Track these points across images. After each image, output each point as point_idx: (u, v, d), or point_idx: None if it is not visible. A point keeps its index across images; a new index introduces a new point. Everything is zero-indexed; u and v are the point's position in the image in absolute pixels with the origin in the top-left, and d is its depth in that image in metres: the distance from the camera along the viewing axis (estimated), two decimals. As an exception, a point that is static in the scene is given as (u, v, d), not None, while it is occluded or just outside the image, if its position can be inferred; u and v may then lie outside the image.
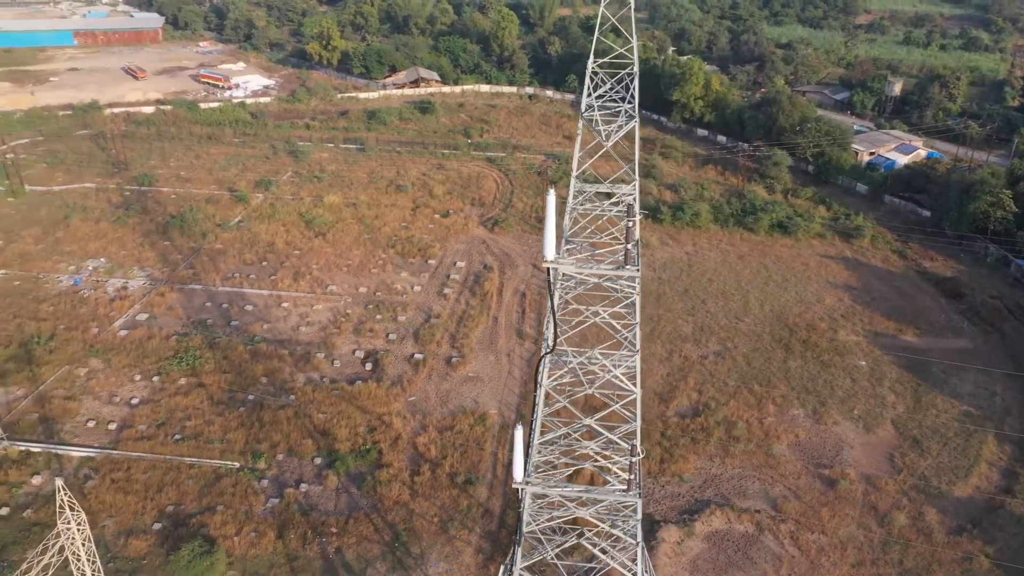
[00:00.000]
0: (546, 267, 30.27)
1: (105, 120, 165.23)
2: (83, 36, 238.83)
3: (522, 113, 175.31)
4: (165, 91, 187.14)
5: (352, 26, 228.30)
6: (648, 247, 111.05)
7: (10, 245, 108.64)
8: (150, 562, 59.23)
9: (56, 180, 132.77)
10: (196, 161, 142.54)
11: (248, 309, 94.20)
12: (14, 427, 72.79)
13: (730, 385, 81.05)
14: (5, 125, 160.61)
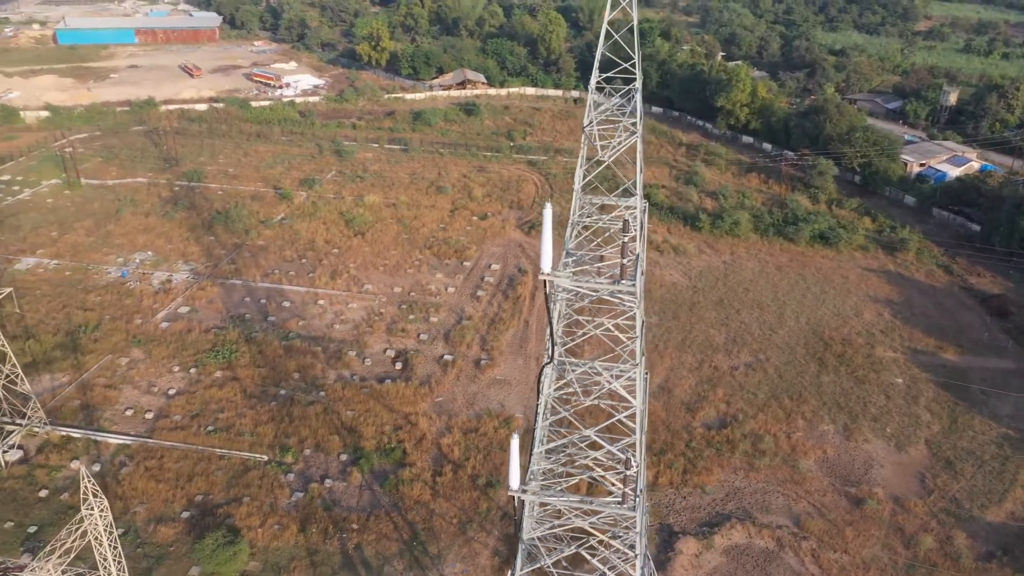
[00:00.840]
0: (543, 279, 30.54)
1: (160, 117, 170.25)
2: (144, 34, 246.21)
3: (566, 117, 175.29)
4: (219, 89, 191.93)
5: (402, 27, 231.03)
6: (685, 255, 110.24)
7: (64, 236, 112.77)
8: (176, 549, 61.08)
9: (110, 174, 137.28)
10: (244, 158, 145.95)
11: (285, 305, 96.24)
12: (57, 412, 75.69)
13: (759, 397, 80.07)
14: (67, 120, 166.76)
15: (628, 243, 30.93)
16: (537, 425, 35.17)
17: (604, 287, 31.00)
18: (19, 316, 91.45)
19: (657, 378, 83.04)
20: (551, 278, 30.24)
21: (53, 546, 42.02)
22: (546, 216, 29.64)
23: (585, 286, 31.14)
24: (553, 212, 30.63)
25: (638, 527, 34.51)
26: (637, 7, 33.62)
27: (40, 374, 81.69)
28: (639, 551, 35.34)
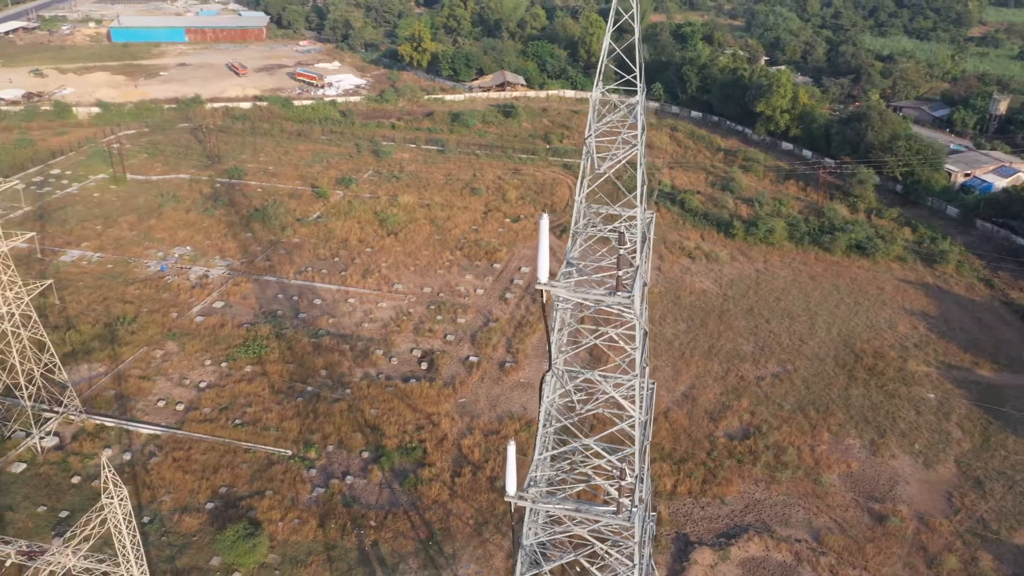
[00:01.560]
0: (539, 289, 30.81)
1: (205, 114, 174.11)
2: (193, 33, 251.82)
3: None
4: (263, 87, 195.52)
5: (445, 28, 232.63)
6: (717, 262, 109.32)
7: (108, 230, 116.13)
8: (199, 539, 62.65)
9: (155, 170, 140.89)
10: (284, 157, 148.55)
11: (316, 303, 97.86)
12: (92, 401, 78.10)
13: (785, 409, 79.13)
14: (116, 116, 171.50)
15: (624, 255, 31.01)
16: (539, 432, 35.43)
17: (600, 298, 31.14)
18: (60, 307, 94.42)
19: (681, 386, 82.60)
20: (547, 288, 30.53)
21: (74, 532, 43.59)
22: (542, 227, 29.90)
23: (581, 297, 31.30)
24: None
25: (636, 538, 34.56)
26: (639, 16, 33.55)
27: (79, 364, 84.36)
28: (636, 562, 35.36)
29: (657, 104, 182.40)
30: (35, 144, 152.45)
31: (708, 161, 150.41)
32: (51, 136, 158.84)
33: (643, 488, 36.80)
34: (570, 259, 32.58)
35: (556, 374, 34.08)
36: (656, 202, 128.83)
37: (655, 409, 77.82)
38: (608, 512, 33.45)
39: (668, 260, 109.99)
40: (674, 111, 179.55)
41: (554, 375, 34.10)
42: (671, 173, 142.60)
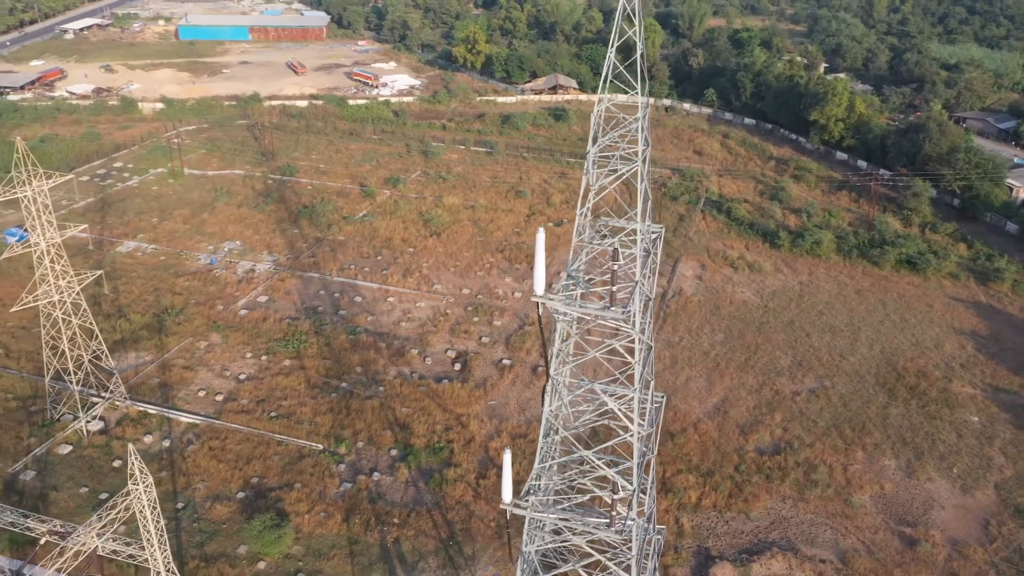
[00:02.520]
0: (534, 301, 31.08)
1: (263, 112, 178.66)
2: (257, 32, 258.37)
3: (655, 125, 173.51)
4: (320, 86, 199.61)
5: (500, 30, 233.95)
6: (760, 272, 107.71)
7: (163, 223, 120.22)
8: (229, 527, 64.58)
9: (211, 165, 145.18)
10: (335, 155, 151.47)
11: (357, 300, 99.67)
12: (137, 389, 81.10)
13: (819, 425, 77.65)
14: (179, 112, 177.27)
15: (617, 271, 31.09)
16: (539, 442, 35.72)
17: (594, 313, 31.29)
18: (112, 296, 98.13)
19: (714, 398, 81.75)
20: (542, 300, 30.82)
21: (99, 516, 45.54)
22: (539, 240, 30.21)
23: (575, 310, 31.50)
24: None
25: (634, 551, 34.56)
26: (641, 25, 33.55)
27: (127, 351, 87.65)
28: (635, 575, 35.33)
29: (710, 110, 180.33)
30: (101, 138, 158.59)
31: (759, 170, 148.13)
32: (116, 130, 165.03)
33: (646, 501, 36.76)
34: (571, 272, 32.81)
35: (555, 384, 34.35)
36: (702, 210, 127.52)
37: (682, 421, 77.29)
38: (601, 524, 33.59)
39: (710, 269, 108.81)
40: (727, 118, 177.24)
41: (553, 385, 34.37)
42: (719, 181, 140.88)
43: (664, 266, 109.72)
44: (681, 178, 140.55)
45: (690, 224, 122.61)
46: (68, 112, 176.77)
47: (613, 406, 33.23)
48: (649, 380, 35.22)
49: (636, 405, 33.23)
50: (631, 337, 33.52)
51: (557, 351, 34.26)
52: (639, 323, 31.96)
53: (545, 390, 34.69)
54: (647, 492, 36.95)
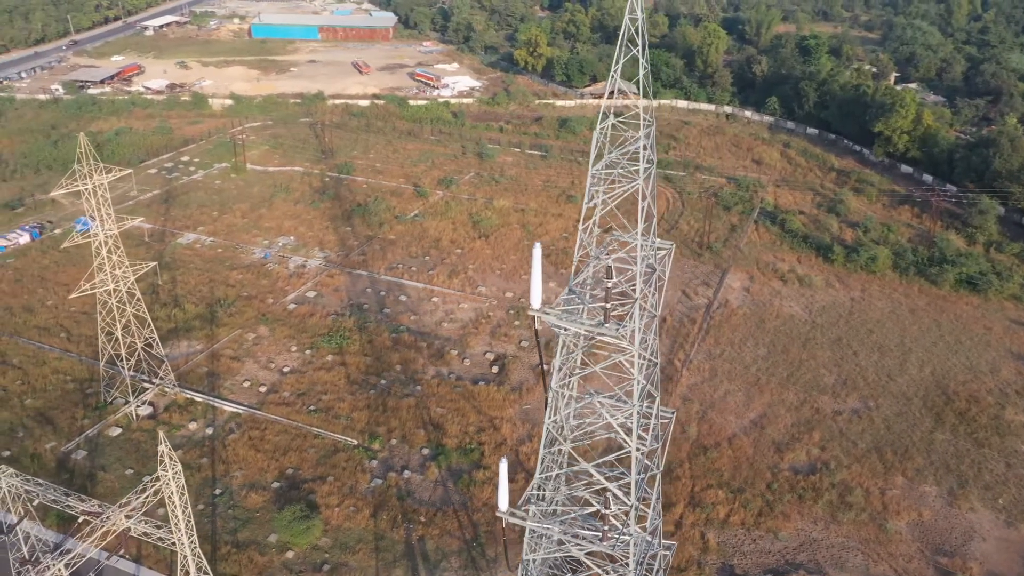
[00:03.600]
0: (531, 315, 31.41)
1: (326, 110, 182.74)
2: (326, 31, 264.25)
3: (714, 132, 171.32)
4: (382, 86, 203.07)
5: (564, 33, 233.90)
6: (810, 287, 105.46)
7: (222, 216, 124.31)
8: (262, 515, 66.65)
9: (273, 162, 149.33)
10: (392, 155, 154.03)
11: (402, 299, 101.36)
12: (186, 377, 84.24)
13: (859, 447, 75.74)
14: (246, 109, 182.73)
15: (611, 288, 31.18)
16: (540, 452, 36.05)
17: (588, 329, 31.45)
18: (170, 286, 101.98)
19: (751, 413, 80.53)
20: (539, 314, 31.13)
21: (128, 499, 47.72)
22: (535, 255, 30.55)
23: (570, 325, 31.70)
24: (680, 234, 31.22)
25: (631, 566, 34.58)
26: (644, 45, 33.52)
27: (180, 340, 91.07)
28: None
29: (772, 119, 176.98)
30: (171, 132, 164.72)
31: (818, 181, 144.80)
32: (186, 125, 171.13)
33: (649, 516, 36.69)
34: (572, 287, 33.04)
35: (555, 396, 34.63)
36: (755, 221, 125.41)
37: (717, 436, 76.27)
38: (594, 536, 33.72)
39: (758, 282, 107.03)
40: (789, 127, 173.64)
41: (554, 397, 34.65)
42: (776, 192, 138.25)
43: (712, 277, 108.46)
44: (736, 187, 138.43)
45: (741, 235, 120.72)
46: (143, 106, 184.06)
47: (611, 420, 33.34)
48: (655, 396, 35.17)
49: (635, 421, 33.26)
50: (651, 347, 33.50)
51: (560, 364, 34.54)
52: (639, 340, 31.98)
53: (547, 401, 34.98)
54: (652, 507, 36.88)
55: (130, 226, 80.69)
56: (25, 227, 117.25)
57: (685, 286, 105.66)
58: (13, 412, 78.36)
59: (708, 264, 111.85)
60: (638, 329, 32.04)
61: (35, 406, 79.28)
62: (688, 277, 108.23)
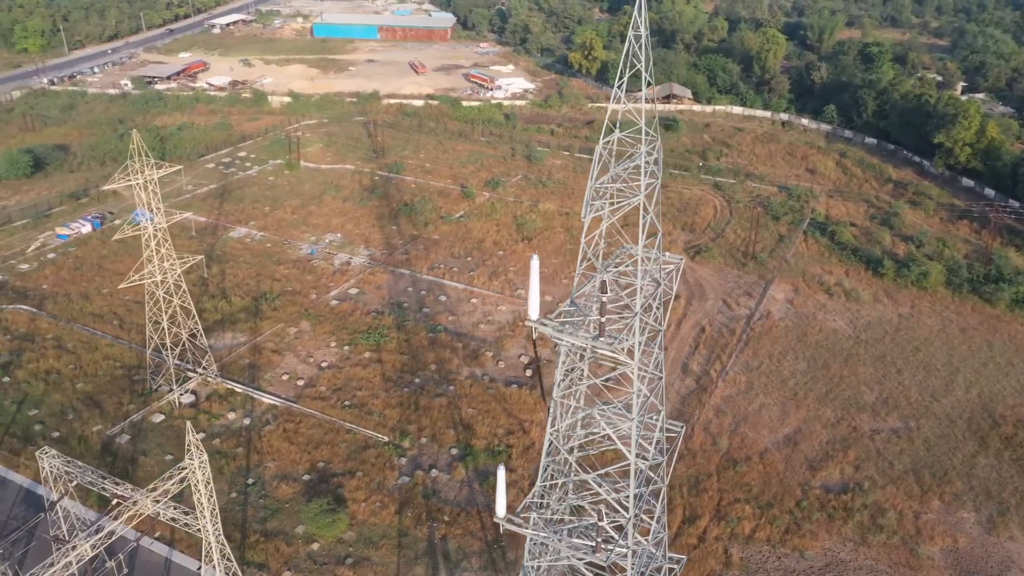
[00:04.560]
0: (528, 325, 31.66)
1: (380, 109, 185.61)
2: (385, 31, 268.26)
3: (768, 140, 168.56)
4: (437, 86, 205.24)
5: (621, 36, 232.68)
6: (856, 301, 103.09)
7: (273, 212, 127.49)
8: (291, 506, 68.34)
9: (325, 159, 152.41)
10: (442, 155, 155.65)
11: (441, 299, 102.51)
12: (229, 367, 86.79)
13: (896, 468, 73.84)
14: (303, 107, 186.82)
15: (605, 302, 31.24)
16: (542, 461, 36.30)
17: (582, 342, 31.58)
18: (218, 279, 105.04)
19: (786, 428, 79.21)
20: (536, 325, 31.40)
21: (155, 486, 49.58)
22: (533, 268, 30.81)
23: (565, 337, 31.87)
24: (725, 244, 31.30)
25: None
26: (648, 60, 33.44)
27: (224, 332, 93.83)
28: (629, 602, 35.32)
29: (829, 127, 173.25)
30: (231, 128, 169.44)
31: (874, 192, 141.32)
32: (246, 121, 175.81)
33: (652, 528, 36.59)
34: (573, 299, 33.23)
35: (556, 406, 34.84)
36: (804, 232, 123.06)
37: (748, 449, 75.23)
38: (587, 548, 33.83)
39: (803, 294, 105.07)
40: (847, 136, 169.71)
41: (556, 407, 34.88)
42: (828, 202, 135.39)
43: (755, 287, 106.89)
44: (787, 196, 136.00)
45: (789, 246, 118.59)
46: (205, 102, 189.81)
47: (610, 432, 33.43)
48: (660, 409, 35.11)
49: (634, 434, 33.31)
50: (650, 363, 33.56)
51: (563, 375, 34.79)
52: (638, 355, 31.99)
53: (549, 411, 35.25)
54: (657, 519, 36.79)
55: (180, 220, 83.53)
56: (87, 217, 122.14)
57: (727, 296, 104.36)
58: (65, 395, 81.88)
59: (752, 274, 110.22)
60: (637, 344, 32.07)
61: (85, 390, 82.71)
62: (731, 287, 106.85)
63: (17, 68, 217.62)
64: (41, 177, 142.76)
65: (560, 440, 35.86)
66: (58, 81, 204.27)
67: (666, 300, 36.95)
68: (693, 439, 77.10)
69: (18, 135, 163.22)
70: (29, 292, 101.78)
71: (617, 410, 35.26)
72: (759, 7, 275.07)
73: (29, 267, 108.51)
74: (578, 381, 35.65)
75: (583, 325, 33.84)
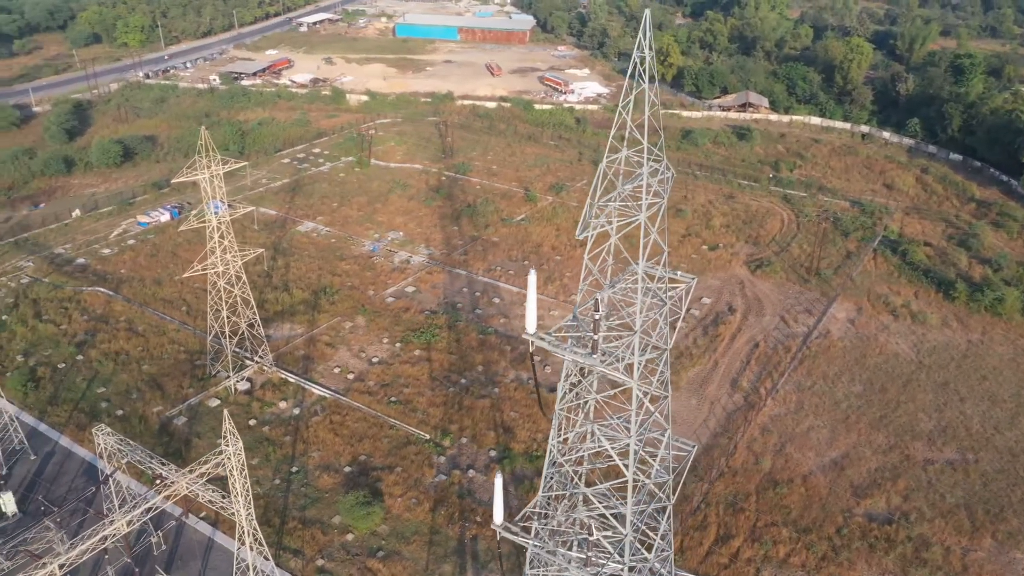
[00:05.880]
0: (525, 338, 31.97)
1: (453, 110, 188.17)
2: (465, 33, 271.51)
3: (846, 153, 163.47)
4: (511, 89, 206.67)
5: (700, 43, 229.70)
6: (923, 324, 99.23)
7: (341, 208, 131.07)
8: (330, 497, 70.44)
9: (395, 158, 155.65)
10: (509, 157, 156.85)
11: (495, 301, 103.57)
12: (284, 358, 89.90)
13: (947, 501, 70.97)
14: (379, 106, 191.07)
15: (599, 320, 31.29)
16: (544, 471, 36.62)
17: (577, 358, 31.72)
18: (282, 271, 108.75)
19: (833, 452, 77.05)
20: (532, 339, 31.71)
21: (191, 468, 52.03)
22: (531, 282, 31.14)
23: (561, 352, 32.07)
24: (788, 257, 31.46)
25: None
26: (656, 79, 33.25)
27: (283, 323, 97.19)
28: (625, 618, 35.27)
29: (912, 142, 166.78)
30: (309, 124, 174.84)
31: (954, 211, 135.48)
32: (323, 118, 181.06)
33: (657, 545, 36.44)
34: (576, 313, 33.43)
35: (559, 418, 35.10)
36: (874, 249, 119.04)
37: (791, 471, 73.54)
38: (577, 560, 33.95)
39: (866, 314, 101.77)
40: (930, 151, 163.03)
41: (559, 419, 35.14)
42: (903, 219, 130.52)
43: (816, 305, 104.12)
44: (860, 212, 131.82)
45: (856, 263, 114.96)
46: (287, 99, 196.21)
47: (608, 448, 33.52)
48: (666, 428, 35.01)
49: (632, 451, 33.32)
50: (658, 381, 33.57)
51: (570, 386, 35.07)
52: (637, 373, 31.99)
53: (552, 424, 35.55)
54: (662, 535, 36.66)
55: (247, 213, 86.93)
56: (167, 206, 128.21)
57: (785, 312, 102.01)
58: (131, 375, 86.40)
59: (814, 291, 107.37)
60: (637, 363, 32.08)
61: (150, 372, 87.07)
62: (791, 303, 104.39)
63: (117, 62, 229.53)
64: (130, 166, 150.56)
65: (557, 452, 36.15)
66: (153, 75, 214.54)
67: (674, 320, 36.77)
68: (735, 457, 75.87)
69: (112, 125, 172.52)
70: (108, 275, 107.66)
71: (617, 426, 35.32)
72: (848, 15, 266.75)
73: (110, 251, 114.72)
74: (584, 395, 35.87)
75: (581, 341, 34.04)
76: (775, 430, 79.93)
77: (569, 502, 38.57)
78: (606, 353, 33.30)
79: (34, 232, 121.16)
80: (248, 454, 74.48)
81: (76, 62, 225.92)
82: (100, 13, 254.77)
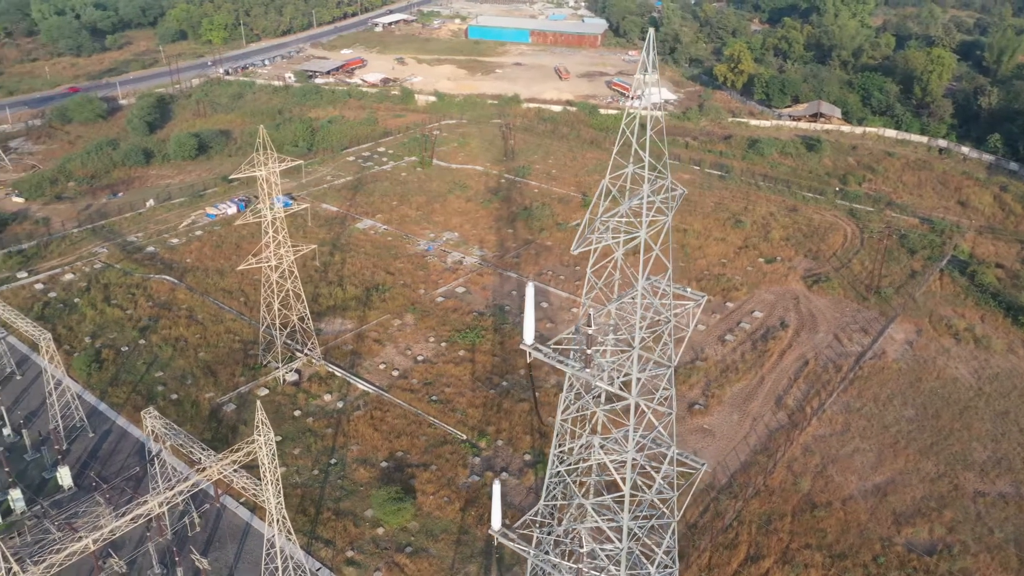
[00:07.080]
0: (523, 348, 32.23)
1: (519, 113, 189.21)
2: (536, 35, 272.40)
3: (920, 167, 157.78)
4: (578, 93, 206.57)
5: (774, 50, 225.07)
6: (986, 350, 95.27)
7: (399, 207, 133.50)
8: (365, 490, 72.06)
9: (457, 159, 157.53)
10: (570, 162, 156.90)
11: (543, 306, 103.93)
12: (333, 352, 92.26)
13: (995, 535, 68.10)
14: (446, 107, 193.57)
15: (591, 335, 31.32)
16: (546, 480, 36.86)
17: (571, 370, 31.83)
18: (338, 267, 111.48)
19: (878, 477, 74.77)
20: (529, 349, 31.98)
21: (223, 456, 54.07)
22: (528, 293, 31.39)
23: (555, 364, 32.21)
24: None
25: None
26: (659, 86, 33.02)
27: (335, 318, 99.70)
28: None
29: (993, 158, 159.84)
30: (376, 123, 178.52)
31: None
32: (391, 118, 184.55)
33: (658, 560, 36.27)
34: (579, 326, 33.58)
35: (560, 428, 35.28)
36: (941, 269, 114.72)
37: (831, 494, 71.76)
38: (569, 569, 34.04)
39: (926, 336, 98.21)
40: (1012, 168, 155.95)
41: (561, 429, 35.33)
42: (976, 239, 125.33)
43: (873, 324, 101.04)
44: (929, 229, 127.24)
45: (920, 282, 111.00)
46: (357, 98, 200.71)
47: (607, 462, 33.57)
48: (671, 444, 34.86)
49: (628, 466, 33.31)
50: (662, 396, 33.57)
51: (575, 396, 35.26)
52: (636, 389, 31.98)
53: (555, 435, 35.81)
54: (667, 553, 36.47)
55: (303, 209, 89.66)
56: (235, 199, 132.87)
57: (840, 330, 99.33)
58: (188, 361, 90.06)
59: (872, 310, 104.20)
60: (635, 379, 32.07)
61: (206, 359, 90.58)
62: (846, 321, 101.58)
63: (200, 58, 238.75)
64: (204, 159, 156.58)
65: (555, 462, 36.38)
66: (232, 72, 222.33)
67: (680, 337, 36.57)
68: (773, 475, 74.43)
69: (190, 120, 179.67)
70: (174, 264, 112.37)
71: (619, 440, 35.36)
72: (933, 24, 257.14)
73: (178, 241, 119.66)
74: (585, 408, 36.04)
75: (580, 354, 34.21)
76: (818, 451, 78.05)
77: (579, 510, 38.78)
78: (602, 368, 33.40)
79: (110, 220, 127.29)
80: (290, 444, 77.19)
81: (162, 57, 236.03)
82: (188, 11, 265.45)
